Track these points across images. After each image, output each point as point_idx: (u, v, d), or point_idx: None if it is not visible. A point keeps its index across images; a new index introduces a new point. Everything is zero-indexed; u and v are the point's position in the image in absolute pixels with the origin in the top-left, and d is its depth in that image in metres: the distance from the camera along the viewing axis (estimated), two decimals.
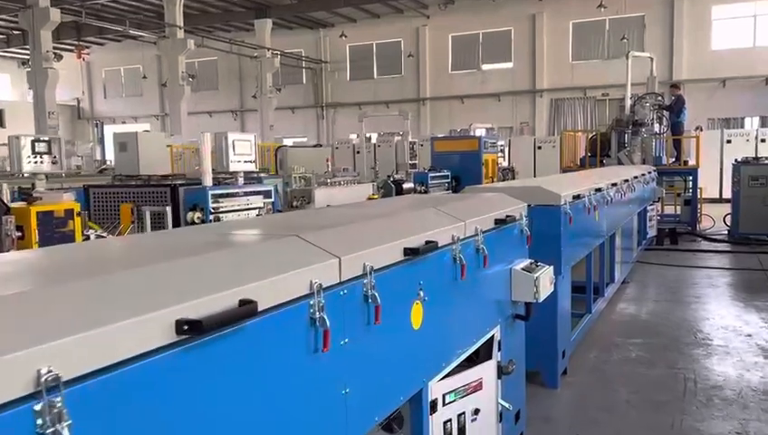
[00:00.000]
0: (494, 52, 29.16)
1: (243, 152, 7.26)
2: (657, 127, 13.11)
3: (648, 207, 10.32)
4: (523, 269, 3.39)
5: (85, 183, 7.99)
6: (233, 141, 7.07)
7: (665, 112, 13.24)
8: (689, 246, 11.57)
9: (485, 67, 29.75)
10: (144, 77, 35.43)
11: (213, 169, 6.84)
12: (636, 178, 8.99)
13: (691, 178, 12.69)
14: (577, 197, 4.93)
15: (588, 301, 6.02)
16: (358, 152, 12.20)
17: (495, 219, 3.20)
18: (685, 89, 19.82)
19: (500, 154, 14.76)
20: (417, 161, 12.37)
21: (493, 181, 12.53)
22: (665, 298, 7.74)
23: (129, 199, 7.28)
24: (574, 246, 4.97)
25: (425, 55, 30.74)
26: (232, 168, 7.10)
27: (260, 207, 7.29)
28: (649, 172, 10.71)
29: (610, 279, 7.26)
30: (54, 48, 36.49)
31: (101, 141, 36.05)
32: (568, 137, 14.85)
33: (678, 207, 12.93)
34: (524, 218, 3.67)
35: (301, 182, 8.92)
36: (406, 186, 10.41)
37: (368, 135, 25.59)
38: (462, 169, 12.36)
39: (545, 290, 3.39)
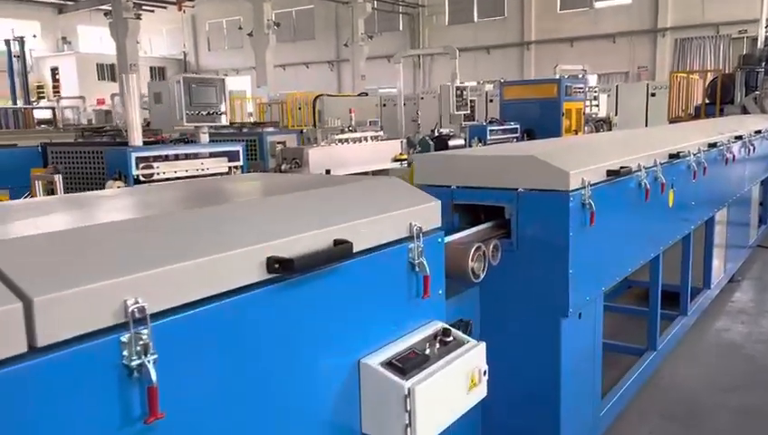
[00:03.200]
0: None
1: (206, 102, 5.61)
2: None
3: None
4: (388, 364, 1.51)
5: (44, 141, 6.71)
6: (188, 86, 5.42)
7: None
8: None
9: (599, 5, 26.50)
10: (240, 28, 34.91)
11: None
12: (761, 132, 6.47)
13: None
14: (615, 172, 2.80)
15: (651, 332, 3.87)
16: (405, 104, 10.20)
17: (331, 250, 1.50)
18: None
19: (593, 102, 12.13)
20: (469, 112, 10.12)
21: (576, 134, 10.13)
22: None
23: (94, 160, 5.87)
24: (606, 261, 2.89)
25: None
26: (188, 121, 5.48)
27: (223, 173, 5.64)
28: None
29: (704, 284, 4.98)
30: (155, 0, 36.80)
31: None
32: (678, 80, 11.92)
33: None
34: (439, 238, 1.76)
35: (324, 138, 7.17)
36: (453, 142, 8.35)
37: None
38: (537, 120, 10.04)
39: (444, 415, 1.53)
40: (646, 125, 17.22)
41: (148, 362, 1.06)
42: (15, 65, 25.28)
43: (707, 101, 10.84)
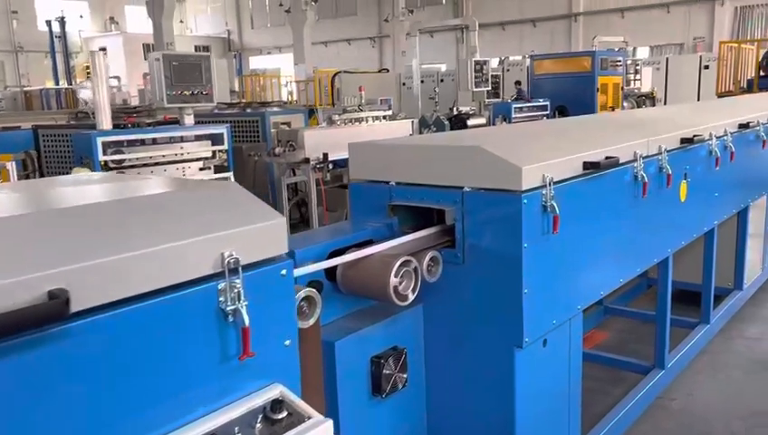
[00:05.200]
0: None
1: (190, 81, 5.22)
2: None
3: None
4: None
5: (35, 123, 6.48)
6: (169, 64, 5.04)
7: None
8: None
9: None
10: (280, 5, 34.61)
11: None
12: None
13: None
14: (594, 165, 2.25)
15: (658, 347, 3.29)
16: (422, 81, 9.57)
17: None
18: None
19: (635, 76, 11.24)
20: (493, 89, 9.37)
21: (613, 111, 9.37)
22: None
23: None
24: (583, 274, 2.35)
25: None
26: (169, 102, 5.10)
27: (207, 158, 5.26)
28: None
29: (736, 284, 4.33)
30: None
31: (239, 73, 36.17)
32: (729, 51, 10.90)
33: None
34: (283, 270, 1.29)
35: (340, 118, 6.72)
36: (473, 121, 7.76)
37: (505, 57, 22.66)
38: (570, 96, 9.32)
39: None
40: (698, 99, 16.12)
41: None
42: (58, 46, 25.63)
43: (762, 74, 9.88)
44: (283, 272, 1.31)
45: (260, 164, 6.77)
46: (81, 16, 36.59)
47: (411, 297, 1.99)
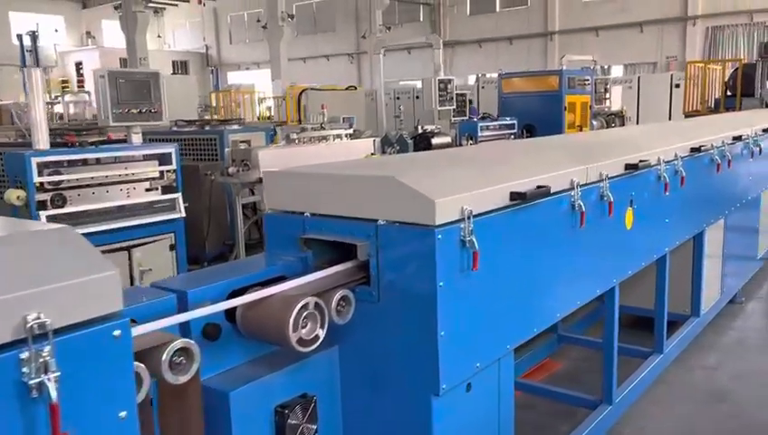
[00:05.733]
0: None
1: (138, 99, 5.04)
2: None
3: None
4: None
5: None
6: (115, 81, 4.85)
7: None
8: None
9: None
10: (258, 20, 34.58)
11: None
12: None
13: None
14: (520, 195, 2.11)
15: (606, 381, 3.14)
16: (398, 98, 9.48)
17: None
18: None
19: (605, 95, 11.23)
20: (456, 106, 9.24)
21: (581, 131, 9.32)
22: None
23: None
24: (511, 312, 2.20)
25: None
26: (115, 120, 4.91)
27: (154, 178, 5.07)
28: None
29: (693, 311, 4.22)
30: None
31: (216, 88, 35.98)
32: (695, 70, 10.94)
33: None
34: (116, 330, 1.11)
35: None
36: (438, 140, 7.65)
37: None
38: (538, 115, 9.26)
39: None
40: (669, 118, 16.23)
41: None
42: (30, 60, 25.23)
43: (728, 94, 9.93)
44: (116, 333, 1.13)
45: (217, 184, 6.58)
46: (56, 30, 36.28)
47: (316, 343, 1.83)
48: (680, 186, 3.47)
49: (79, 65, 35.91)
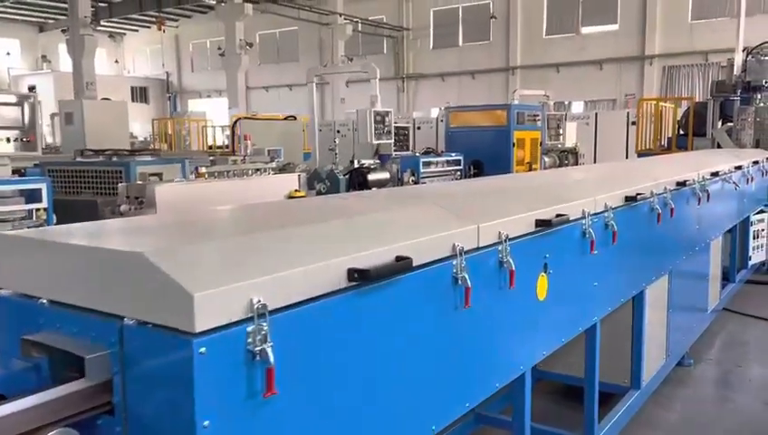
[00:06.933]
0: (596, 12, 24.96)
1: (6, 125, 4.35)
2: None
3: (755, 217, 6.36)
4: None
5: None
6: None
7: None
8: None
9: (585, 30, 25.75)
10: (219, 48, 34.16)
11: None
12: (735, 169, 5.29)
13: None
14: (362, 273, 1.49)
15: None
16: (338, 131, 8.93)
17: None
18: None
19: (558, 131, 10.85)
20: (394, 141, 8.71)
21: (530, 169, 8.85)
22: None
23: None
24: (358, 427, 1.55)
25: (516, 18, 27.06)
26: None
27: (22, 218, 4.35)
28: (765, 160, 6.78)
29: (632, 383, 3.62)
30: (138, 20, 36.03)
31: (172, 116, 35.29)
32: (647, 108, 10.62)
33: None
34: None
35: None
36: (374, 177, 7.05)
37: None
38: (487, 150, 8.77)
39: None
40: (626, 156, 16.04)
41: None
42: None
43: (680, 133, 9.61)
44: None
45: None
46: (8, 53, 35.43)
47: None
48: (612, 242, 2.90)
49: (31, 89, 34.92)
